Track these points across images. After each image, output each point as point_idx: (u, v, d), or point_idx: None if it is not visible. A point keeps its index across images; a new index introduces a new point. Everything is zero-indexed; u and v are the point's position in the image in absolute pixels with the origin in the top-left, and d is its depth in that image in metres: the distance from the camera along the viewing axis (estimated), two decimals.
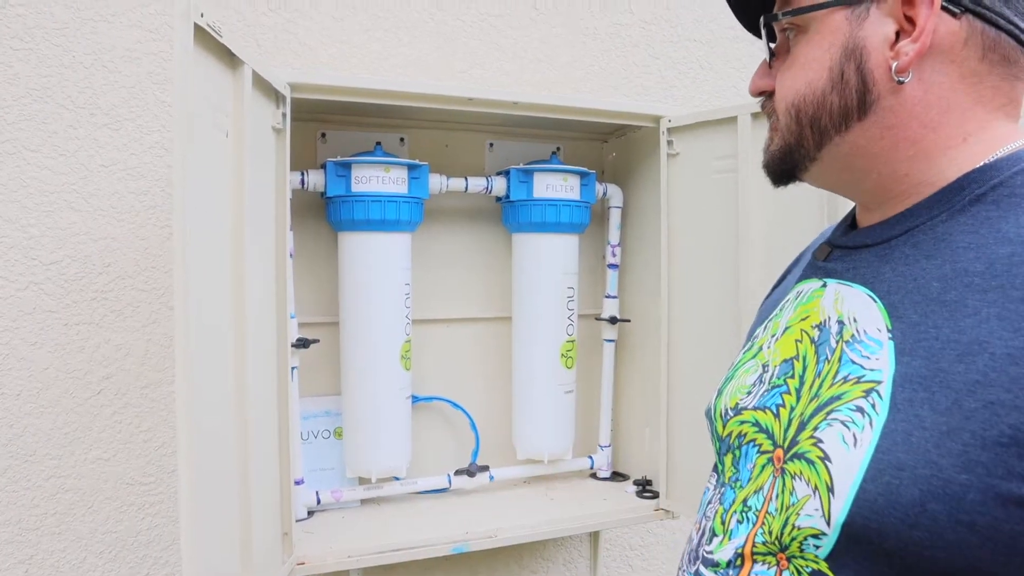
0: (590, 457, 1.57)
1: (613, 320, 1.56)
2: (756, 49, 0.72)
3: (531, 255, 1.46)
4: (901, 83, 0.57)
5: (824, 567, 0.53)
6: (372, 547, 1.22)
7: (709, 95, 1.80)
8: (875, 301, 0.57)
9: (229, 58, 0.92)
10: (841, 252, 0.65)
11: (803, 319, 0.65)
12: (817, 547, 0.53)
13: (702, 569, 0.64)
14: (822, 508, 0.52)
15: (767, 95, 0.66)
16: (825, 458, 0.53)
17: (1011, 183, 0.54)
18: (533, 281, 1.46)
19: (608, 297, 1.57)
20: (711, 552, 0.63)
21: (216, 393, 0.90)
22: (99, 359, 1.28)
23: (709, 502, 0.68)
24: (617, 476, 1.58)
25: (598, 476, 1.59)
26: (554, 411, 1.48)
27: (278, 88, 1.10)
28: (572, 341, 1.49)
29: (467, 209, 1.51)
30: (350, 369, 1.34)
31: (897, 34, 0.56)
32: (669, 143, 1.40)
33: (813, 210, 1.15)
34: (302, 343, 1.28)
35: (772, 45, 0.66)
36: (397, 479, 1.40)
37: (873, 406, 0.52)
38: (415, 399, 1.43)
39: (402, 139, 1.45)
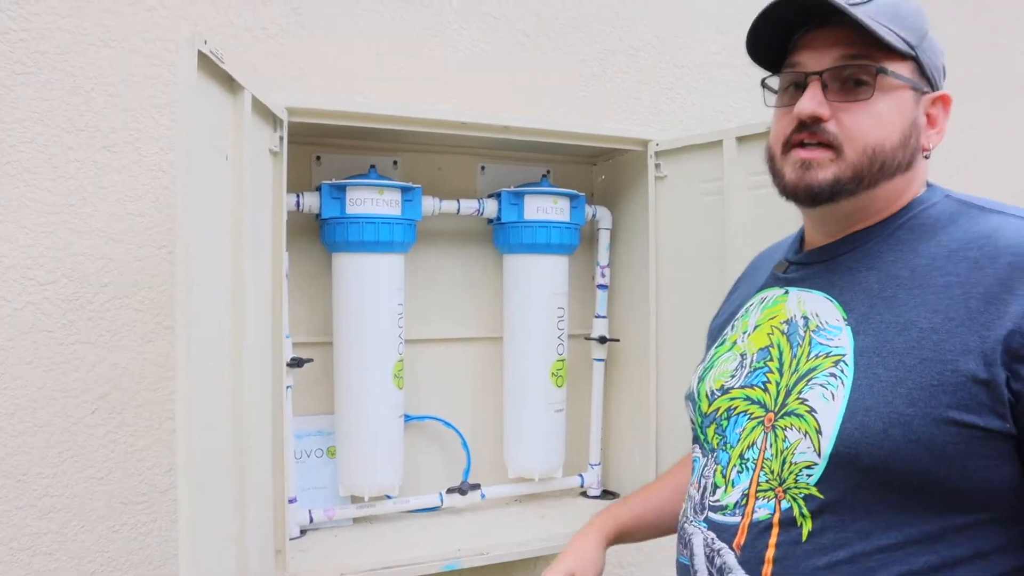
0: (580, 475, 1.59)
1: (603, 340, 1.58)
2: (743, 75, 0.77)
3: (522, 276, 1.48)
4: (927, 158, 0.81)
5: (814, 491, 0.73)
6: (365, 565, 1.23)
7: (696, 120, 1.84)
8: (831, 300, 0.80)
9: (229, 83, 0.95)
10: (796, 267, 0.88)
11: (771, 318, 0.86)
12: (809, 475, 0.73)
13: (711, 515, 0.82)
14: (813, 445, 0.73)
15: (818, 123, 0.78)
16: (812, 411, 0.75)
17: (918, 218, 0.79)
18: (524, 301, 1.48)
19: (598, 317, 1.59)
20: (717, 500, 0.82)
21: (214, 411, 0.91)
22: (95, 378, 1.29)
23: (704, 467, 0.86)
24: (607, 494, 1.60)
25: (588, 494, 1.60)
26: (545, 430, 1.50)
27: (276, 112, 1.13)
28: (562, 360, 1.51)
29: (459, 231, 1.54)
30: (343, 388, 1.36)
31: (926, 124, 0.80)
32: (657, 166, 1.44)
33: (794, 231, 1.18)
34: (296, 362, 1.29)
35: (836, 77, 0.78)
36: (389, 497, 1.41)
37: (842, 371, 0.74)
38: (407, 418, 1.44)
39: (395, 162, 1.48)
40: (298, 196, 1.31)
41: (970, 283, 0.70)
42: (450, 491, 1.46)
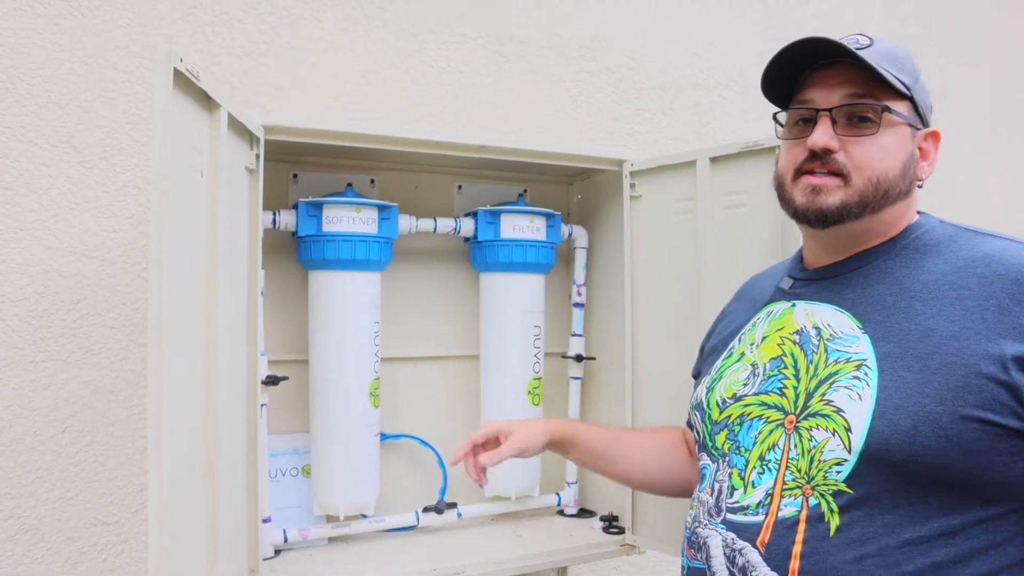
0: (557, 494, 1.59)
1: (579, 358, 1.59)
2: (717, 96, 0.80)
3: (498, 294, 1.49)
4: (920, 187, 0.90)
5: (843, 486, 0.77)
6: None
7: (671, 140, 1.87)
8: (843, 312, 0.86)
9: (206, 101, 0.95)
10: (802, 283, 0.94)
11: (779, 329, 0.91)
12: (839, 472, 0.78)
13: (730, 516, 0.85)
14: (843, 443, 0.78)
15: (829, 154, 0.86)
16: (839, 411, 0.79)
17: (921, 239, 0.87)
18: (500, 320, 1.49)
19: (574, 335, 1.60)
20: (736, 501, 0.85)
21: (187, 430, 0.90)
22: (65, 396, 1.27)
23: (716, 472, 0.90)
24: (584, 512, 1.60)
25: (565, 512, 1.60)
26: None
27: (252, 130, 1.13)
28: (539, 379, 1.51)
29: (436, 249, 1.54)
30: (319, 406, 1.35)
31: (919, 157, 0.89)
32: (632, 186, 1.46)
33: (765, 249, 1.21)
34: (271, 380, 1.28)
35: (846, 113, 0.86)
36: (365, 516, 1.40)
37: (866, 374, 0.80)
38: (384, 436, 1.44)
39: (372, 180, 1.49)
40: (275, 214, 1.31)
41: (983, 296, 0.78)
42: (426, 510, 1.45)
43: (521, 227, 1.45)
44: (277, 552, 1.33)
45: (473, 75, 1.62)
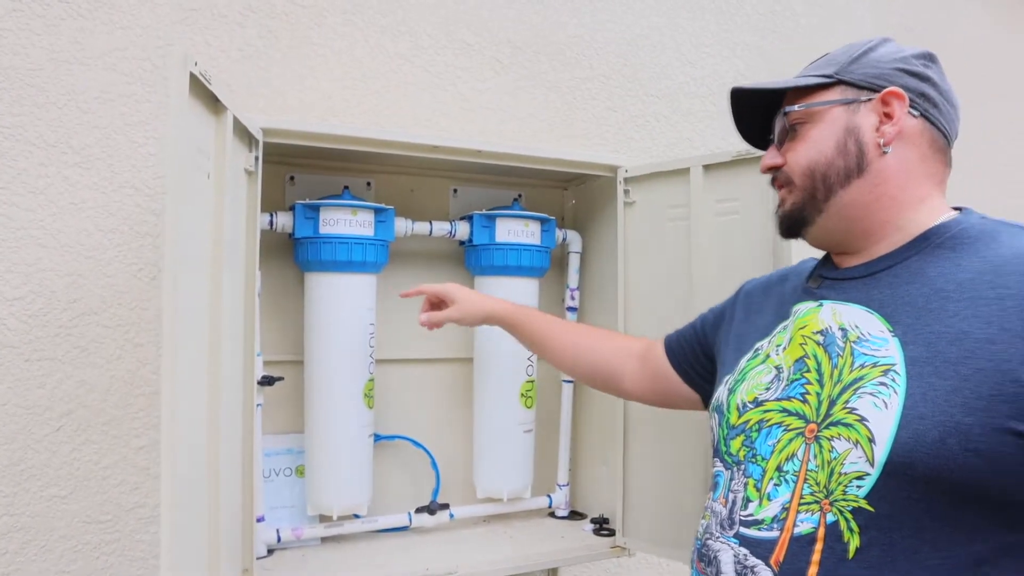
0: (549, 496, 1.60)
1: None
2: (710, 104, 0.84)
3: None
4: (886, 153, 0.83)
5: (864, 503, 0.72)
6: None
7: (665, 147, 1.89)
8: (872, 313, 0.80)
9: (213, 104, 0.96)
10: (831, 282, 0.89)
11: (801, 328, 0.86)
12: (859, 487, 0.72)
13: (743, 530, 0.81)
14: (866, 455, 0.72)
15: (777, 170, 0.90)
16: (863, 420, 0.73)
17: (958, 236, 0.80)
18: None
19: None
20: (750, 515, 0.81)
21: (193, 430, 0.91)
22: (60, 395, 1.28)
23: (731, 480, 0.86)
24: (575, 515, 1.61)
25: (556, 514, 1.61)
26: (513, 450, 1.51)
27: (252, 132, 1.14)
28: (532, 381, 1.52)
29: (431, 252, 1.56)
30: (313, 407, 1.36)
31: (879, 123, 0.83)
32: (626, 192, 1.47)
33: (757, 256, 1.22)
34: (267, 380, 1.29)
35: (779, 131, 0.91)
36: (358, 517, 1.41)
37: (894, 380, 0.73)
38: (377, 437, 1.45)
39: (369, 183, 1.50)
40: (272, 215, 1.32)
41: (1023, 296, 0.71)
42: (419, 511, 1.46)
43: (516, 231, 1.47)
44: (270, 551, 1.33)
45: (470, 80, 1.63)
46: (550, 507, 1.60)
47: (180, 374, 0.83)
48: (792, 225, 0.89)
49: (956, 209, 0.85)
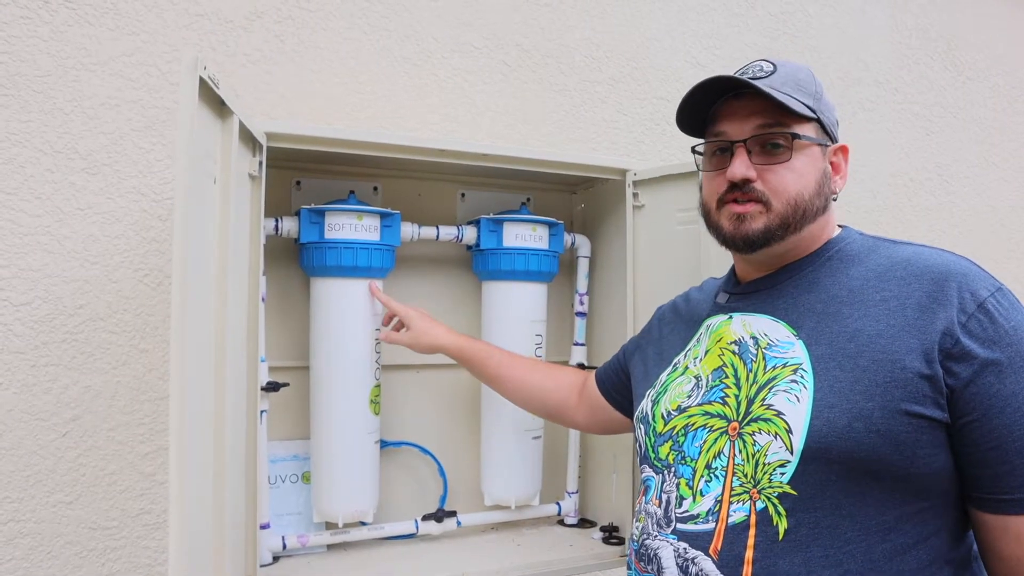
0: (557, 503, 1.58)
1: (581, 367, 1.58)
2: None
3: (500, 303, 1.49)
4: (835, 200, 0.95)
5: (788, 488, 0.80)
6: None
7: (675, 150, 1.87)
8: (778, 321, 0.91)
9: (220, 108, 0.96)
10: (737, 296, 0.99)
11: (718, 340, 0.95)
12: (783, 474, 0.80)
13: (680, 526, 0.87)
14: (785, 445, 0.81)
15: (748, 183, 0.91)
16: (780, 414, 0.83)
17: (844, 251, 0.92)
18: (502, 328, 1.48)
19: (576, 344, 1.60)
20: (685, 511, 0.87)
21: (200, 436, 0.90)
22: (66, 401, 1.28)
23: (662, 483, 0.92)
24: (584, 522, 1.59)
25: (565, 522, 1.59)
26: (522, 457, 1.49)
27: (256, 136, 1.13)
28: None
29: (438, 257, 1.55)
30: (319, 413, 1.35)
31: (832, 173, 0.94)
32: (635, 195, 1.46)
33: None
34: (272, 386, 1.29)
35: (760, 143, 0.92)
36: (364, 524, 1.40)
37: (803, 377, 0.83)
38: (384, 444, 1.44)
39: (375, 188, 1.49)
40: (277, 220, 1.31)
41: (903, 296, 0.83)
42: (426, 518, 1.44)
43: (524, 236, 1.45)
44: (275, 559, 1.32)
45: (477, 83, 1.62)
46: (559, 515, 1.59)
47: (188, 380, 0.82)
48: (756, 243, 0.91)
49: (839, 226, 0.97)
